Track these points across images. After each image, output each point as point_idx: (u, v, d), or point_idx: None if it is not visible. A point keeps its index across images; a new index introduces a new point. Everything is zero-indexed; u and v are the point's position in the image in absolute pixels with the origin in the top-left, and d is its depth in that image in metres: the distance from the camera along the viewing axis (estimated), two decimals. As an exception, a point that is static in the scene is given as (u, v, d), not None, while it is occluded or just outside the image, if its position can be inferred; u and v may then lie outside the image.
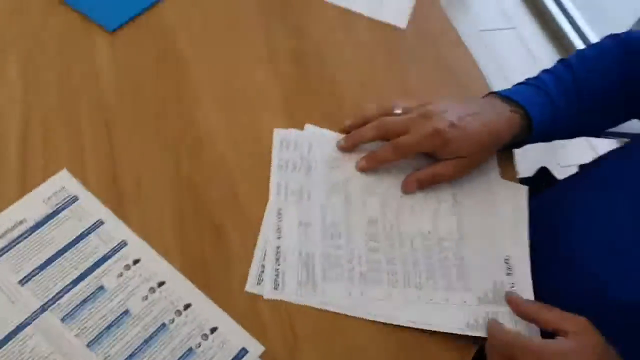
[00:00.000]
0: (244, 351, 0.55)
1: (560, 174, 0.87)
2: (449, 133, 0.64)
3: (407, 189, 0.67)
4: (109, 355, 0.53)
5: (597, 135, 0.87)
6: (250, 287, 0.59)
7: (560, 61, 0.74)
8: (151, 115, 0.69)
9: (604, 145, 0.97)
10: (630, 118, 0.77)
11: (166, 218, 0.62)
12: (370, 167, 0.68)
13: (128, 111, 0.69)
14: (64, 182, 0.62)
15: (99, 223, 0.60)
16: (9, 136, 0.64)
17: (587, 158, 0.79)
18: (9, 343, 0.52)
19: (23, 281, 0.56)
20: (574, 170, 0.80)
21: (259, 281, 0.59)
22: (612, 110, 0.74)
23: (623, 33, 0.74)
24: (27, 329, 0.53)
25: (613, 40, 0.74)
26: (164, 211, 0.62)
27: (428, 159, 0.68)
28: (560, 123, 0.71)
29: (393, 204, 0.67)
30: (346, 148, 0.69)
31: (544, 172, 0.92)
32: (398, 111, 0.69)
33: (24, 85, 0.69)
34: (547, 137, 0.72)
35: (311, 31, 0.82)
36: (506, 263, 0.64)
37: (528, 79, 0.73)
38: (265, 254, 0.60)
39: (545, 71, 0.73)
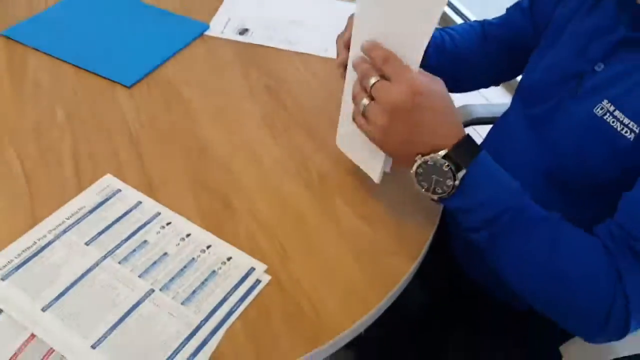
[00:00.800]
0: (252, 269, 0.76)
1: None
2: None
3: None
4: (155, 280, 0.74)
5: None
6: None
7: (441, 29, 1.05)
8: (167, 136, 0.93)
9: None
10: (491, 84, 1.08)
11: (186, 196, 0.84)
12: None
13: (150, 135, 0.93)
14: (109, 182, 0.85)
15: (138, 203, 0.83)
16: (64, 157, 0.88)
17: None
18: (82, 279, 0.73)
19: (88, 243, 0.77)
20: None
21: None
22: (476, 69, 1.05)
23: (483, 20, 1.06)
24: (94, 270, 0.74)
25: (475, 22, 1.06)
26: (184, 192, 0.85)
27: None
28: (447, 50, 1.00)
29: None
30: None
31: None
32: None
33: (70, 125, 0.93)
34: (441, 55, 0.99)
35: (279, 72, 1.08)
36: None
37: None
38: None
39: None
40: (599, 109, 0.73)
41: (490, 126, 1.03)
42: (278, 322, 0.70)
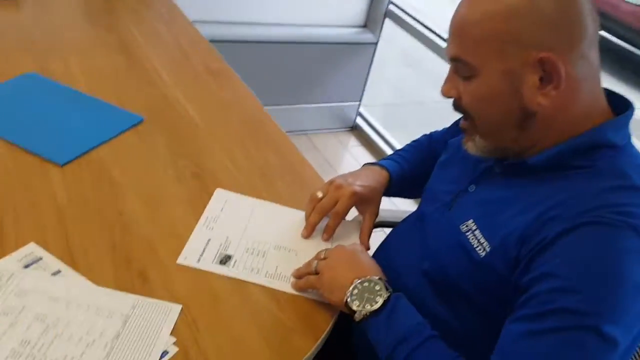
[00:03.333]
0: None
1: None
2: (360, 192, 1.05)
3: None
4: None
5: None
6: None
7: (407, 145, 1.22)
8: (93, 213, 0.99)
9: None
10: None
11: (106, 267, 0.89)
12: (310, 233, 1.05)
13: (77, 210, 0.98)
14: (32, 249, 0.89)
15: (57, 271, 0.87)
16: (-10, 225, 0.92)
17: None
18: None
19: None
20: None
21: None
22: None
23: (431, 132, 1.23)
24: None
25: (425, 136, 1.23)
26: (105, 266, 0.89)
27: None
28: (407, 177, 1.14)
29: None
30: (307, 235, 1.05)
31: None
32: (320, 195, 1.05)
33: (3, 199, 0.97)
34: (402, 184, 1.13)
35: (206, 161, 1.17)
36: None
37: (390, 155, 1.20)
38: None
39: (397, 151, 1.20)
40: (464, 226, 0.87)
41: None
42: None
